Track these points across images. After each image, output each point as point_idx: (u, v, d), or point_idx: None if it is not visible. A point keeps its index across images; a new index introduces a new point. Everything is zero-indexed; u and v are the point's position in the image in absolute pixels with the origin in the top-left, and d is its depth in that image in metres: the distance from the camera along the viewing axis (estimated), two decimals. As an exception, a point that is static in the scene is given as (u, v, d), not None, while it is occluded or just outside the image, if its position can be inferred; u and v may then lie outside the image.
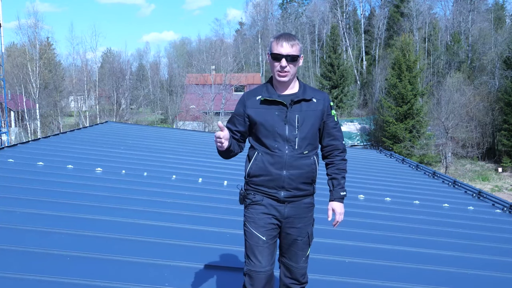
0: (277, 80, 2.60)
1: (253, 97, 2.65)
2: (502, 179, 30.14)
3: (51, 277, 3.17)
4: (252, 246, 2.61)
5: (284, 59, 2.53)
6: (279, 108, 2.59)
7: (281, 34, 2.60)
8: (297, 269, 2.73)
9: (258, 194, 2.64)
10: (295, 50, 2.55)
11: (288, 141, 2.57)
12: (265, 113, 2.59)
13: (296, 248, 2.69)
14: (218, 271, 3.54)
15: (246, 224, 2.66)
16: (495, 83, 38.00)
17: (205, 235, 4.35)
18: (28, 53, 40.37)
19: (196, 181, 6.74)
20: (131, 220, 4.56)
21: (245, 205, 2.71)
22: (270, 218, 2.62)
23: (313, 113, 2.63)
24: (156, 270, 3.45)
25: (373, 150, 15.21)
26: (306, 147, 2.61)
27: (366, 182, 8.36)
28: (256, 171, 2.62)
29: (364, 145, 38.15)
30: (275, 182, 2.59)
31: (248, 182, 2.69)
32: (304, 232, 2.69)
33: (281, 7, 62.98)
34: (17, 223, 4.17)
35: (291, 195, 2.61)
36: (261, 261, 2.58)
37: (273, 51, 2.56)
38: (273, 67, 2.58)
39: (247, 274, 2.61)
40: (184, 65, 57.86)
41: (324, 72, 46.62)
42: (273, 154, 2.58)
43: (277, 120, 2.57)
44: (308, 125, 2.60)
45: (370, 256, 4.19)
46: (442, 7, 59.79)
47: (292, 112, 2.59)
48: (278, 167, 2.57)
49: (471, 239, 5.16)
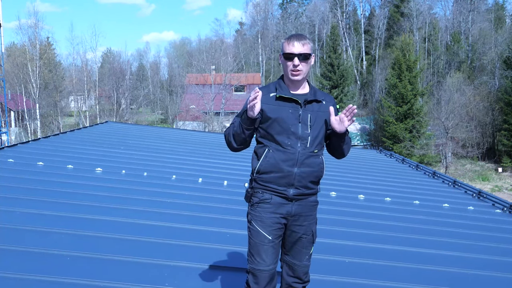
0: (290, 79, 2.64)
1: (267, 94, 2.66)
2: (502, 179, 30.14)
3: (51, 277, 3.17)
4: (257, 244, 2.62)
5: (296, 58, 2.57)
6: (292, 106, 2.62)
7: (292, 35, 2.65)
8: (300, 267, 2.74)
9: (266, 192, 2.63)
10: (307, 48, 2.60)
11: (300, 139, 2.60)
12: (280, 110, 2.61)
13: (301, 246, 2.71)
14: (218, 271, 3.54)
15: (252, 222, 2.66)
16: (495, 83, 38.02)
17: (205, 235, 4.35)
18: (28, 53, 40.38)
19: (196, 181, 6.74)
20: (131, 220, 4.56)
21: (251, 203, 2.69)
22: (278, 218, 2.63)
23: (323, 114, 2.68)
24: (156, 270, 3.45)
25: (373, 150, 15.21)
26: (317, 146, 2.66)
27: (366, 182, 8.36)
28: (266, 168, 2.61)
29: (364, 145, 38.14)
30: (286, 179, 2.60)
31: (256, 179, 2.67)
32: (309, 230, 2.71)
33: (281, 7, 63.07)
34: (17, 223, 4.17)
35: (299, 193, 2.63)
36: (265, 260, 2.60)
37: (285, 51, 2.61)
38: (286, 66, 2.62)
39: (250, 272, 2.64)
40: (184, 65, 57.89)
41: (324, 72, 46.58)
42: (285, 151, 2.59)
43: (291, 117, 2.60)
44: (319, 125, 2.66)
45: (370, 256, 4.19)
46: (442, 7, 59.85)
47: (305, 111, 2.63)
48: (290, 164, 2.59)
49: (471, 239, 5.16)
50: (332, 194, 6.86)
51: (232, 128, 2.67)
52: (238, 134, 2.62)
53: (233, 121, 2.71)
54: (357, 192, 7.20)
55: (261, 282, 2.60)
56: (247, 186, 2.76)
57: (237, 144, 2.67)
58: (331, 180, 7.99)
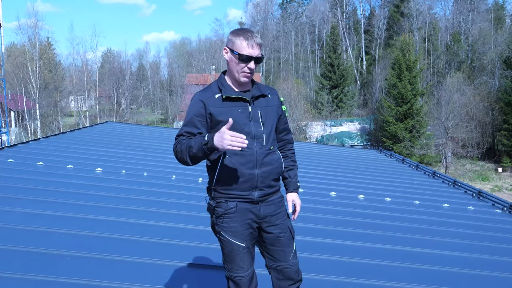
0: (239, 81, 2.48)
1: (211, 96, 2.48)
2: (502, 179, 30.13)
3: (51, 277, 3.17)
4: (232, 253, 2.51)
5: (253, 61, 2.43)
6: (241, 105, 2.48)
7: (247, 32, 2.45)
8: (288, 267, 2.61)
9: (230, 200, 2.49)
10: (260, 49, 2.47)
11: (256, 138, 2.47)
12: (228, 111, 2.44)
13: (282, 246, 2.60)
14: (218, 271, 3.54)
15: (221, 234, 2.51)
16: (495, 83, 38.01)
17: (205, 235, 4.34)
18: (28, 53, 40.36)
19: (196, 181, 6.74)
20: (131, 220, 4.56)
21: (216, 216, 2.53)
22: (248, 223, 2.51)
23: (272, 109, 2.58)
24: (156, 270, 3.45)
25: (373, 150, 15.21)
26: (272, 143, 2.56)
27: (366, 182, 8.36)
28: (226, 175, 2.46)
29: (364, 145, 38.14)
30: (248, 183, 2.47)
31: (216, 189, 2.52)
32: (284, 227, 2.61)
33: (281, 7, 63.08)
34: (17, 223, 4.17)
35: (264, 194, 2.52)
36: (243, 267, 2.52)
37: (241, 51, 2.41)
38: (237, 68, 2.44)
39: (230, 279, 2.56)
40: (184, 65, 57.88)
41: (324, 72, 46.62)
42: (243, 153, 2.43)
43: (241, 117, 2.45)
44: (270, 121, 2.56)
45: (370, 256, 4.19)
46: (442, 7, 59.84)
47: (255, 108, 2.51)
48: (250, 166, 2.46)
49: (471, 239, 5.16)
50: (332, 194, 6.86)
51: (189, 150, 2.35)
52: (199, 158, 2.36)
53: (183, 139, 2.42)
54: (357, 192, 7.20)
55: (243, 287, 2.55)
56: (207, 199, 2.62)
57: (193, 164, 2.43)
58: (331, 180, 7.99)
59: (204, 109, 2.46)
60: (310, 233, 4.64)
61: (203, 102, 2.47)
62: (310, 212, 5.42)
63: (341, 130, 39.61)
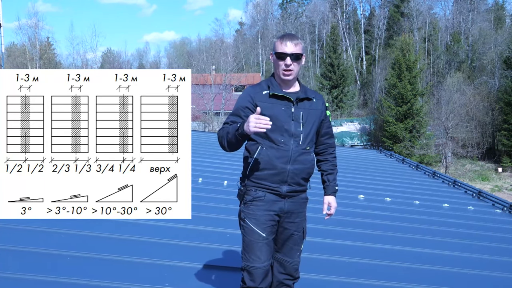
0: (281, 79, 2.69)
1: (259, 91, 2.70)
2: (502, 179, 30.14)
3: (51, 277, 3.17)
4: (252, 242, 2.65)
5: (288, 57, 2.62)
6: (285, 104, 2.67)
7: (284, 34, 2.70)
8: (291, 263, 2.78)
9: (259, 189, 2.66)
10: (299, 48, 2.65)
11: (293, 136, 2.65)
12: (273, 107, 2.64)
13: (292, 243, 2.76)
14: (218, 271, 3.54)
15: (245, 220, 2.68)
16: (495, 83, 38.00)
17: (205, 235, 4.35)
18: (28, 53, 40.43)
19: (197, 181, 6.74)
20: (131, 220, 4.55)
21: (244, 202, 2.71)
22: (271, 215, 2.66)
23: (314, 112, 2.76)
24: (156, 270, 3.45)
25: (373, 150, 15.21)
26: (309, 143, 2.72)
27: (366, 182, 8.36)
28: (260, 165, 2.63)
29: (364, 145, 38.15)
30: (279, 176, 2.63)
31: (248, 177, 2.69)
32: (300, 227, 2.77)
33: (281, 7, 63.00)
34: (17, 223, 4.17)
35: (292, 190, 2.68)
36: (260, 257, 2.64)
37: (277, 50, 2.65)
38: (277, 66, 2.66)
39: (245, 269, 2.67)
40: (184, 65, 57.88)
41: (324, 72, 46.61)
42: (278, 148, 2.62)
43: (283, 115, 2.64)
44: (310, 123, 2.72)
45: (370, 256, 4.19)
46: (442, 7, 59.73)
47: (297, 109, 2.68)
48: (284, 161, 2.62)
49: (471, 239, 5.16)
50: (332, 194, 6.85)
51: (227, 136, 2.61)
52: (233, 143, 2.59)
53: (226, 127, 2.65)
54: (357, 192, 7.20)
55: (257, 279, 2.64)
56: (239, 185, 2.77)
57: (230, 150, 2.66)
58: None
59: (251, 102, 2.67)
60: (310, 233, 4.63)
61: (251, 96, 2.69)
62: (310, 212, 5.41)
63: (341, 130, 39.61)
